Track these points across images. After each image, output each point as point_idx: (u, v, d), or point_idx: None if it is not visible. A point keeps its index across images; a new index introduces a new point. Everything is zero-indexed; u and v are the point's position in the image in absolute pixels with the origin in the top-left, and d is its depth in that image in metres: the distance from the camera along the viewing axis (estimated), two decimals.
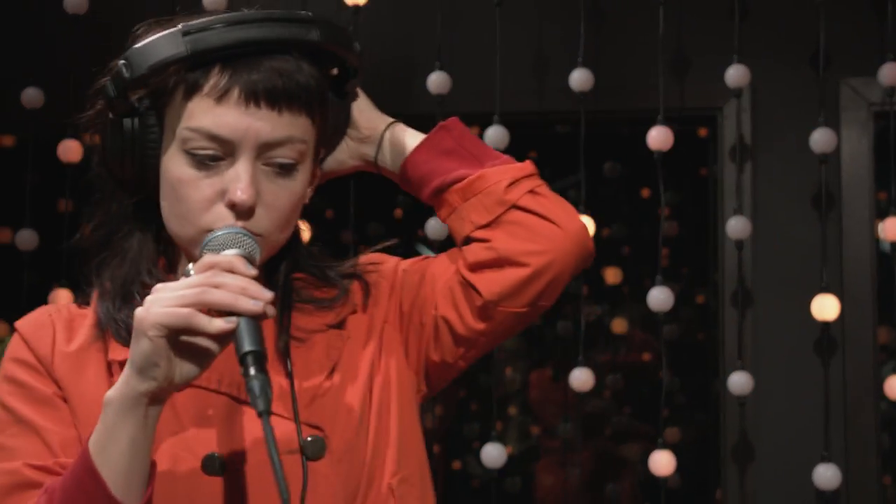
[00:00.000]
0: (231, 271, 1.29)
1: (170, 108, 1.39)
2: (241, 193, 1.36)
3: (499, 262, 1.49)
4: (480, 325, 1.50)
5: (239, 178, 1.36)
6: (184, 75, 1.37)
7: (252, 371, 1.24)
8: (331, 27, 1.45)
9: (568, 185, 5.36)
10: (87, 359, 1.45)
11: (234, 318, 1.26)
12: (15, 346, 1.47)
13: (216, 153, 1.37)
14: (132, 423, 1.29)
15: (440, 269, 1.55)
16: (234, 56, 1.37)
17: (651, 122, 3.34)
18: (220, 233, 1.35)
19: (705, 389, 5.17)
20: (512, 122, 3.41)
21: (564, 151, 5.28)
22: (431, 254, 1.61)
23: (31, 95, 3.61)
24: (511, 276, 1.48)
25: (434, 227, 3.38)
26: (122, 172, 1.43)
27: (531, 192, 1.53)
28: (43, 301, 2.67)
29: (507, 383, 4.99)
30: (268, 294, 1.28)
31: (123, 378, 1.28)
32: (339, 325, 1.51)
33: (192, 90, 1.37)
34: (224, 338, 1.27)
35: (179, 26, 1.36)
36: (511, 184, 1.52)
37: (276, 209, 1.40)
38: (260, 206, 1.39)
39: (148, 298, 1.28)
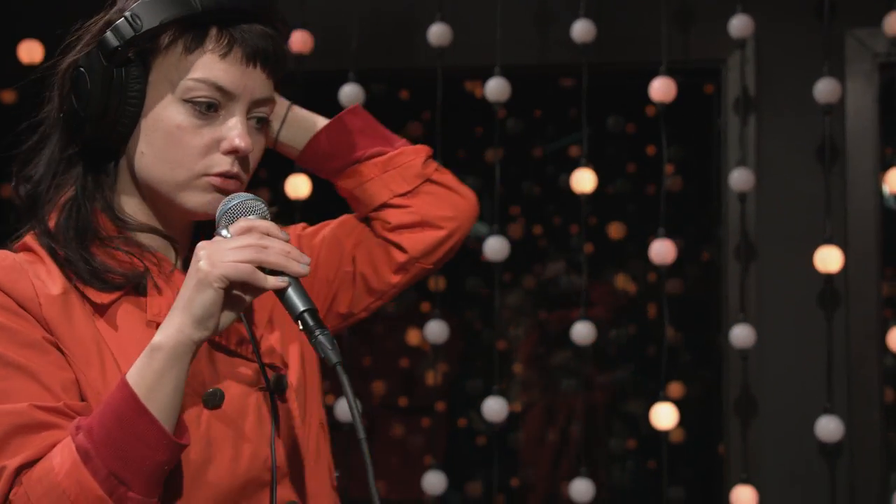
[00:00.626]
0: (268, 235, 1.43)
1: (162, 62, 1.51)
2: (240, 140, 1.51)
3: (420, 224, 1.76)
4: (395, 279, 1.78)
5: (238, 128, 1.51)
6: (181, 33, 1.50)
7: (316, 328, 1.40)
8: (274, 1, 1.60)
9: (571, 141, 5.35)
10: (71, 302, 1.49)
11: (285, 278, 1.41)
12: None
13: (216, 103, 1.51)
14: (180, 367, 1.39)
15: (346, 230, 1.80)
16: (229, 20, 1.51)
17: (654, 75, 3.31)
18: (235, 200, 1.48)
19: (706, 345, 5.17)
20: (513, 75, 3.38)
21: (566, 107, 5.27)
22: None
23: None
24: (430, 236, 1.77)
25: None
26: (101, 119, 1.51)
27: (437, 169, 1.82)
28: None
29: (510, 339, 4.99)
30: (307, 258, 1.43)
31: (175, 325, 1.38)
32: None
33: (194, 46, 1.50)
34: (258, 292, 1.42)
35: None
36: (425, 160, 1.80)
37: (253, 159, 1.58)
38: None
39: (202, 254, 1.39)
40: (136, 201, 1.58)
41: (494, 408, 3.28)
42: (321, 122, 1.80)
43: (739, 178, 3.29)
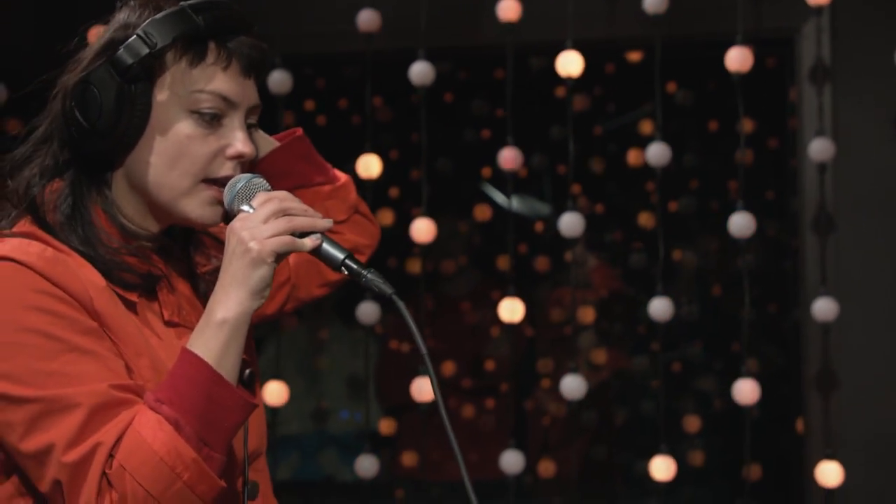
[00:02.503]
0: (286, 201, 1.57)
1: (168, 77, 1.60)
2: (244, 146, 1.63)
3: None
4: (320, 291, 2.02)
5: (241, 135, 1.63)
6: (184, 49, 1.59)
7: (362, 269, 1.57)
8: None
9: (639, 115, 5.28)
10: (112, 296, 1.58)
11: (317, 235, 1.56)
12: (30, 279, 1.51)
13: (220, 113, 1.61)
14: (241, 337, 1.53)
15: None
16: (225, 34, 1.61)
17: (726, 46, 3.25)
18: (242, 182, 1.61)
19: (779, 321, 5.10)
20: (584, 49, 3.33)
21: (630, 82, 5.20)
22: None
23: None
24: None
25: (506, 156, 3.32)
26: (111, 133, 1.58)
27: (360, 200, 2.05)
28: None
29: (579, 317, 4.94)
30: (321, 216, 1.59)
31: (236, 300, 1.51)
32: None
33: (198, 60, 1.60)
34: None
35: (182, 4, 1.61)
36: (356, 193, 2.04)
37: (251, 162, 1.69)
38: None
39: (245, 235, 1.52)
40: (132, 207, 1.65)
41: (572, 386, 3.25)
42: (274, 142, 1.95)
43: (818, 149, 3.23)
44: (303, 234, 1.56)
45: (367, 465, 3.38)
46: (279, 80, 3.44)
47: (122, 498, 1.43)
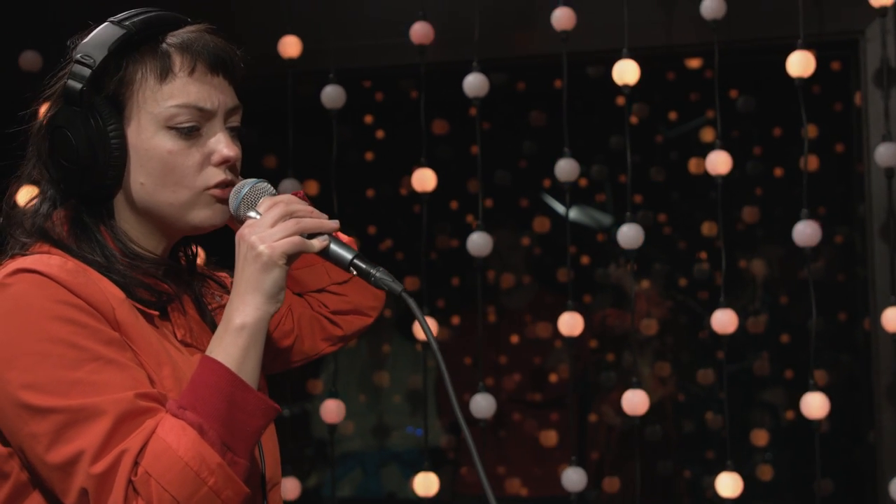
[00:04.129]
0: (291, 204, 1.59)
1: (136, 96, 1.61)
2: (228, 150, 1.64)
3: (353, 312, 1.98)
4: (324, 346, 1.99)
5: (223, 140, 1.64)
6: (145, 66, 1.60)
7: (371, 268, 1.58)
8: None
9: (700, 123, 5.20)
10: (132, 307, 1.59)
11: (325, 236, 1.58)
12: (53, 290, 1.51)
13: (197, 124, 1.62)
14: (260, 342, 1.54)
15: (292, 296, 1.96)
16: (154, 30, 1.63)
17: (787, 50, 3.17)
18: (246, 188, 1.62)
19: (847, 331, 4.99)
20: (640, 57, 3.27)
21: (688, 90, 5.13)
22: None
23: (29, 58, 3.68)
24: (361, 321, 2.00)
25: (563, 167, 3.26)
26: (93, 167, 1.60)
27: None
28: None
29: (641, 329, 4.87)
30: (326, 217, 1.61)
31: (253, 305, 1.53)
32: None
33: (165, 73, 1.61)
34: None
35: (108, 21, 1.62)
36: None
37: (239, 164, 1.69)
38: None
39: (253, 239, 1.53)
40: (137, 230, 1.67)
41: (634, 401, 3.18)
42: None
43: (885, 153, 3.14)
44: (311, 237, 1.58)
45: (425, 482, 3.34)
46: (333, 94, 3.42)
47: None
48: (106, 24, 1.63)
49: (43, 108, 1.68)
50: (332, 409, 3.38)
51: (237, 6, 3.72)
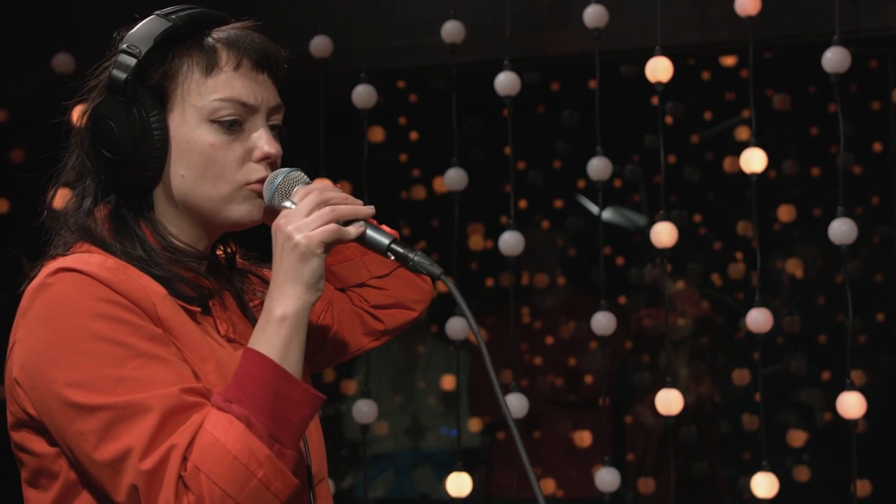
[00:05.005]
0: (326, 191, 1.58)
1: (180, 89, 1.62)
2: (269, 147, 1.64)
3: (395, 306, 1.95)
4: (366, 341, 1.97)
5: (264, 137, 1.64)
6: (192, 59, 1.62)
7: (408, 253, 1.59)
8: None
9: (736, 122, 5.16)
10: (174, 303, 1.59)
11: (360, 222, 1.58)
12: (94, 288, 1.51)
13: (240, 119, 1.63)
14: (302, 332, 1.54)
15: (332, 291, 1.95)
16: (200, 25, 1.64)
17: (823, 47, 3.14)
18: (280, 177, 1.62)
19: (885, 331, 4.93)
20: (674, 55, 3.25)
21: (727, 86, 5.09)
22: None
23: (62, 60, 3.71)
24: (405, 316, 1.97)
25: (596, 165, 3.24)
26: (134, 158, 1.61)
27: None
28: None
29: (676, 330, 4.83)
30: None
31: (293, 295, 1.53)
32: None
33: (211, 67, 1.62)
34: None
35: (154, 14, 1.64)
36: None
37: (279, 162, 1.68)
38: None
39: (290, 229, 1.53)
40: (177, 225, 1.67)
41: (668, 401, 3.16)
42: None
43: None
44: (347, 224, 1.57)
45: (458, 483, 3.33)
46: (363, 94, 3.41)
47: (199, 499, 1.42)
48: (152, 16, 1.64)
49: (76, 111, 1.68)
50: (363, 410, 3.37)
51: (269, 6, 3.73)
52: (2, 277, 1.83)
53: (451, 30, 3.38)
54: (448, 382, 4.95)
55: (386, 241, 1.59)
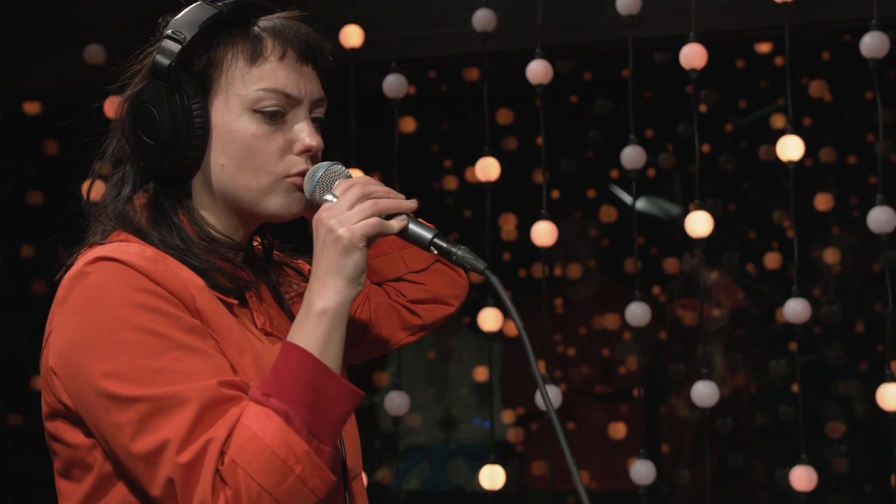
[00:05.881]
0: (369, 185, 1.57)
1: (224, 77, 1.61)
2: (311, 140, 1.63)
3: (433, 301, 1.94)
4: (402, 335, 1.95)
5: (306, 129, 1.63)
6: (238, 47, 1.60)
7: (451, 247, 1.58)
8: None
9: (771, 109, 5.10)
10: (212, 295, 1.58)
11: (403, 216, 1.57)
12: (132, 277, 1.50)
13: (282, 110, 1.61)
14: (342, 326, 1.52)
15: (371, 289, 1.94)
16: (246, 13, 1.63)
17: (861, 32, 3.09)
18: (321, 171, 1.61)
19: None
20: (708, 42, 3.20)
21: (762, 74, 5.03)
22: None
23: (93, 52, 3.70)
24: (442, 311, 1.96)
25: (630, 154, 3.21)
26: (175, 144, 1.59)
27: None
28: None
29: (712, 321, 4.79)
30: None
31: (334, 289, 1.51)
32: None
33: (256, 57, 1.60)
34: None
35: (199, 0, 1.62)
36: None
37: (320, 155, 1.68)
38: None
39: (332, 223, 1.51)
40: (215, 215, 1.66)
41: (704, 392, 3.12)
42: None
43: None
44: (388, 217, 1.56)
45: (491, 475, 3.31)
46: (394, 84, 3.39)
47: (235, 494, 1.40)
48: (198, 2, 1.63)
49: (116, 99, 1.67)
50: (395, 402, 3.35)
51: None
52: (38, 267, 1.82)
53: (483, 18, 3.35)
54: (481, 374, 4.93)
55: (429, 235, 1.58)
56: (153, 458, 1.43)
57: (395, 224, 1.57)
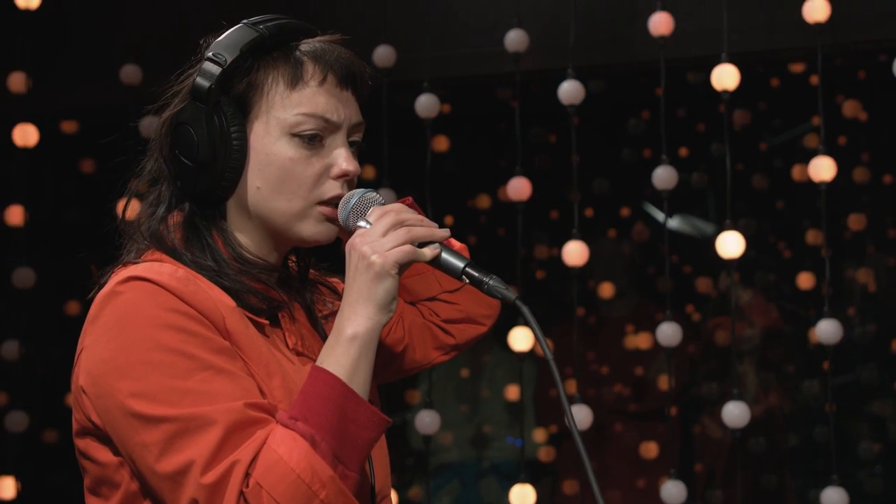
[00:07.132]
0: (402, 213, 1.57)
1: (264, 100, 1.61)
2: (348, 165, 1.63)
3: (466, 321, 1.94)
4: (435, 355, 1.95)
5: (343, 154, 1.63)
6: (279, 71, 1.61)
7: (483, 276, 1.57)
8: None
9: (805, 129, 5.09)
10: (243, 316, 1.58)
11: (436, 245, 1.57)
12: (163, 298, 1.51)
13: (321, 134, 1.62)
14: (372, 352, 1.53)
15: (404, 305, 1.94)
16: (287, 37, 1.64)
17: (894, 52, 3.08)
18: (355, 198, 1.61)
19: None
20: (741, 62, 3.20)
21: (796, 94, 5.02)
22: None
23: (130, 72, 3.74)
24: (475, 330, 1.96)
25: (661, 175, 3.21)
26: (213, 166, 1.60)
27: None
28: None
29: (745, 340, 4.77)
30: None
31: (365, 315, 1.51)
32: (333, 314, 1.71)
33: (296, 81, 1.61)
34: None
35: (242, 22, 1.63)
36: None
37: (354, 183, 1.68)
38: None
39: (365, 249, 1.52)
40: (249, 236, 1.66)
41: (735, 412, 3.11)
42: None
43: None
44: (422, 245, 1.57)
45: (521, 494, 3.31)
46: (427, 103, 3.41)
47: None
48: (240, 25, 1.63)
49: (154, 120, 1.69)
50: (426, 421, 3.36)
51: (331, 17, 3.73)
52: (74, 284, 1.84)
53: (515, 38, 3.36)
54: (513, 392, 4.93)
55: (461, 264, 1.58)
56: (178, 479, 1.44)
57: (428, 252, 1.57)
